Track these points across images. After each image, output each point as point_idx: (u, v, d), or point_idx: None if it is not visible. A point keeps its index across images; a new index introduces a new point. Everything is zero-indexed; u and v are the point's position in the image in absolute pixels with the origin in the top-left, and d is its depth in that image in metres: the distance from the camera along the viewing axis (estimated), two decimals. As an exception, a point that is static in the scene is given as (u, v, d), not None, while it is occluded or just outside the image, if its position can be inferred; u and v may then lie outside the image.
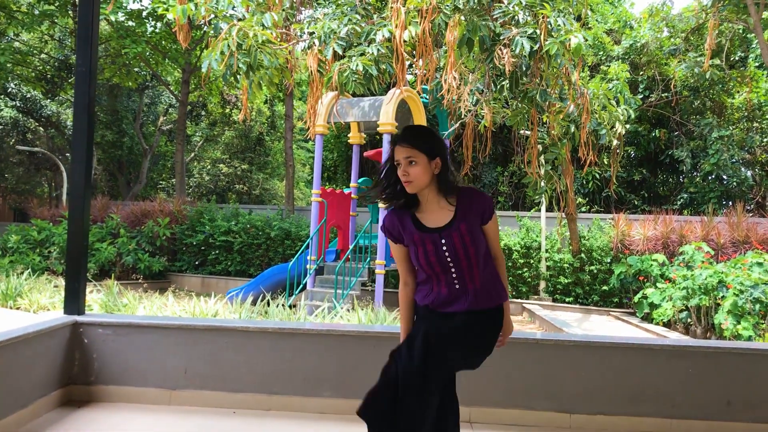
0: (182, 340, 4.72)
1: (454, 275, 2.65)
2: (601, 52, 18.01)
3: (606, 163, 16.39)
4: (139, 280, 15.18)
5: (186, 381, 4.68)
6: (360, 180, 13.78)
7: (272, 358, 4.70)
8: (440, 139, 2.71)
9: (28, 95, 25.25)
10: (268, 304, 8.90)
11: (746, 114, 17.26)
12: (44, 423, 4.16)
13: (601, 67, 17.26)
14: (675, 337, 9.32)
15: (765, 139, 16.93)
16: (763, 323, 8.61)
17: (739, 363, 4.60)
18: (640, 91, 17.63)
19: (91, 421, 4.25)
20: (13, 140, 27.17)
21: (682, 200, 17.38)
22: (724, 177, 16.42)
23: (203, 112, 28.42)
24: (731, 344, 4.92)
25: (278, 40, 8.01)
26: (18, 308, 10.64)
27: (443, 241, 2.62)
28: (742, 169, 16.75)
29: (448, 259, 2.63)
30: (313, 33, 7.77)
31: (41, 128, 27.51)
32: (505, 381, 4.64)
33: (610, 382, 4.62)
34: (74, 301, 4.77)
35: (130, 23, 19.66)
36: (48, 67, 24.21)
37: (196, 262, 16.34)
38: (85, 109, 4.62)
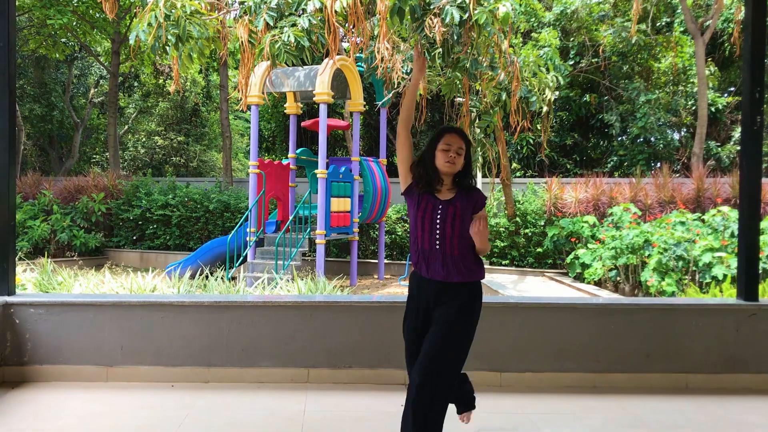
0: (117, 317, 4.71)
1: (437, 235, 3.14)
2: (533, 19, 18.25)
3: (539, 128, 16.74)
4: (74, 257, 14.86)
5: (123, 357, 4.69)
6: (298, 150, 13.74)
7: (209, 331, 4.75)
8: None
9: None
10: (207, 278, 8.89)
11: (672, 78, 17.82)
12: (-23, 405, 4.13)
13: (533, 33, 17.50)
14: (605, 295, 9.72)
15: (690, 102, 17.54)
16: (685, 279, 9.06)
17: (657, 318, 4.88)
18: (571, 56, 17.99)
19: (27, 401, 4.24)
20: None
21: (612, 163, 17.93)
22: (652, 139, 17.01)
23: (136, 84, 27.64)
24: (649, 300, 5.20)
25: (207, 10, 7.88)
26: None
27: (440, 207, 3.17)
28: (669, 131, 17.35)
29: (438, 220, 3.14)
30: (243, 3, 7.67)
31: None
32: (438, 344, 4.80)
33: (538, 340, 4.84)
34: (3, 282, 4.70)
35: (54, -8, 18.89)
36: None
37: (134, 237, 16.08)
38: (4, 84, 4.51)
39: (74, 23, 19.38)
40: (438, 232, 3.14)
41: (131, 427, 3.81)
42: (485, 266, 11.97)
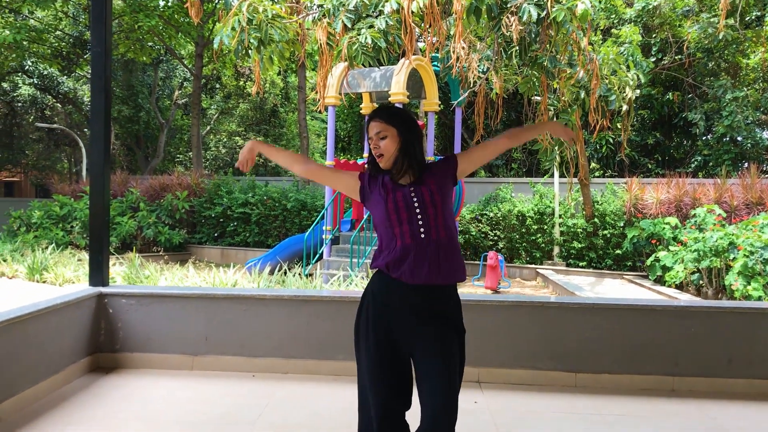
0: (202, 309, 4.94)
1: (420, 222, 2.64)
2: (613, 15, 17.83)
3: (619, 127, 16.35)
4: (160, 253, 15.50)
5: (207, 347, 4.91)
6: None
7: (288, 324, 4.91)
8: (410, 116, 2.83)
9: (45, 72, 25.50)
10: (285, 274, 9.13)
11: (761, 74, 17.08)
12: (76, 387, 4.41)
13: (613, 30, 17.10)
14: (686, 299, 9.45)
15: (781, 100, 16.76)
16: (773, 284, 8.70)
17: (740, 322, 4.74)
18: (653, 53, 17.48)
19: (120, 386, 4.49)
20: (32, 117, 27.52)
21: (695, 163, 17.32)
22: (739, 138, 16.33)
23: (217, 85, 28.53)
24: (732, 304, 5.05)
25: (288, 13, 8.11)
26: (44, 281, 10.97)
27: (412, 189, 2.70)
28: (757, 130, 16.63)
29: (416, 205, 2.66)
30: (322, 5, 7.85)
31: (59, 105, 27.81)
32: (512, 343, 4.82)
33: (615, 342, 4.78)
34: (98, 274, 5.00)
35: (143, -2, 19.74)
36: (63, 44, 24.37)
37: (215, 234, 16.62)
38: (101, 88, 4.79)
39: (160, 27, 20.18)
40: (419, 216, 2.65)
41: (215, 414, 4.00)
42: (563, 268, 11.73)
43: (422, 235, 2.63)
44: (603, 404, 4.36)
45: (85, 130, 27.70)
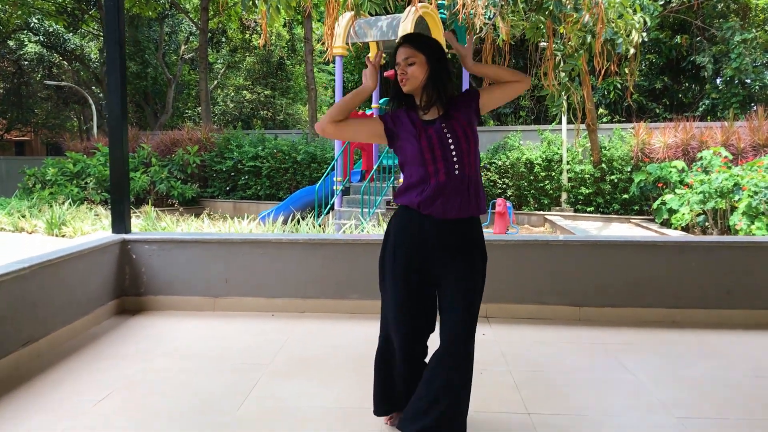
0: (222, 253, 5.16)
1: (455, 158, 2.62)
2: (622, -42, 17.56)
3: (626, 72, 16.28)
4: (175, 205, 15.76)
5: (227, 289, 5.15)
6: (381, 100, 13.95)
7: (305, 266, 5.12)
8: (440, 46, 2.76)
9: (51, 29, 25.44)
10: (299, 223, 9.34)
11: (772, 15, 16.91)
12: (105, 328, 4.67)
13: (622, -27, 16.86)
14: (692, 240, 9.60)
15: (792, 41, 16.60)
16: (777, 223, 8.84)
17: (739, 255, 4.92)
18: (662, -4, 17.30)
19: (147, 326, 4.74)
20: (39, 75, 27.56)
21: (703, 107, 17.28)
22: (747, 81, 16.26)
23: (223, 39, 28.41)
24: (731, 238, 5.22)
25: (294, -37, 8.12)
26: (63, 236, 11.25)
27: (443, 125, 2.66)
28: (765, 72, 16.53)
29: (450, 140, 2.63)
30: (328, -46, 7.87)
31: (66, 62, 27.80)
32: (519, 280, 5.02)
33: (617, 277, 4.97)
34: (121, 221, 5.21)
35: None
36: (68, 0, 24.28)
37: (227, 188, 16.83)
38: (116, 40, 4.92)
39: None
40: (454, 153, 2.62)
41: (237, 348, 4.24)
42: (570, 214, 11.87)
43: (456, 172, 2.62)
44: (606, 335, 4.57)
45: (94, 88, 27.75)
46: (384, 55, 3.14)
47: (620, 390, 3.55)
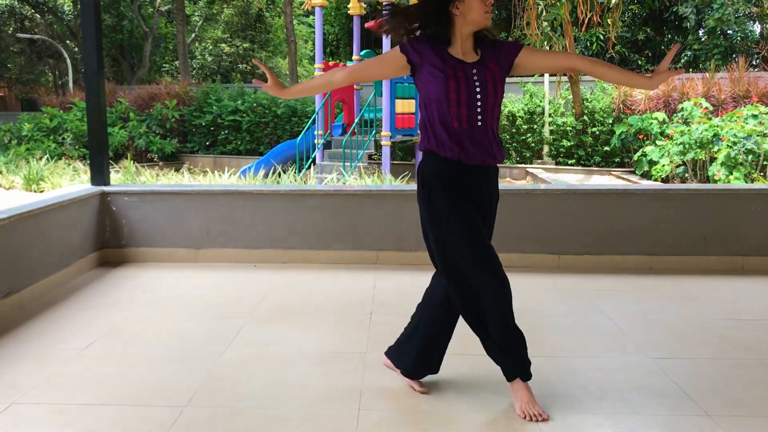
0: (203, 204, 5.14)
1: (479, 109, 2.51)
2: None
3: (609, 24, 16.21)
4: (154, 160, 15.62)
5: (209, 240, 5.15)
6: (362, 52, 13.78)
7: (286, 217, 5.13)
8: None
9: (22, -19, 24.78)
10: (280, 176, 9.31)
11: (755, -35, 16.82)
12: (87, 279, 4.67)
13: None
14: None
15: (774, -9, 16.57)
16: (754, 173, 8.96)
17: (714, 203, 5.00)
18: (646, -55, 17.14)
19: (128, 278, 4.75)
20: (11, 29, 26.89)
21: (686, 58, 17.28)
22: (729, 32, 16.25)
23: (200, -10, 27.83)
24: (707, 186, 5.31)
25: None
26: (42, 191, 11.14)
27: (474, 71, 2.51)
28: (749, 23, 16.51)
29: (477, 90, 2.50)
30: None
31: (38, 15, 27.12)
32: (499, 228, 5.01)
33: (596, 225, 5.04)
34: (100, 173, 5.17)
35: None
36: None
37: (207, 143, 16.68)
38: (90, -12, 4.82)
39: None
40: (479, 103, 2.49)
41: (221, 298, 4.27)
42: (552, 166, 11.93)
43: (479, 123, 2.52)
44: (585, 282, 4.65)
45: (68, 42, 27.15)
46: (363, 5, 3.05)
47: (597, 333, 3.63)
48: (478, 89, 2.49)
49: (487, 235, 2.67)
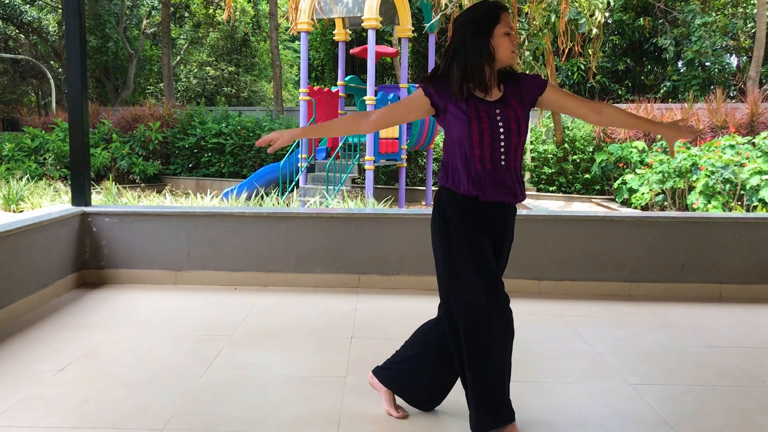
0: (183, 226, 5.13)
1: (502, 149, 2.50)
2: (587, -61, 17.70)
3: (590, 53, 16.49)
4: (137, 182, 15.53)
5: (189, 263, 5.12)
6: (347, 78, 13.89)
7: (268, 240, 5.13)
8: None
9: (7, 1, 24.71)
10: (262, 199, 9.30)
11: (730, 0, 17.22)
12: (65, 301, 4.62)
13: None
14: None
15: (750, 25, 16.95)
16: (732, 202, 9.09)
17: (693, 231, 5.06)
18: (626, -22, 17.50)
19: (107, 299, 4.71)
20: (-5, 49, 26.79)
21: (665, 89, 17.58)
22: (707, 64, 16.58)
23: (186, 14, 27.88)
24: (686, 214, 5.38)
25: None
26: (21, 211, 11.03)
27: (497, 111, 2.49)
28: (726, 55, 16.87)
29: (501, 131, 2.49)
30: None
31: (23, 35, 27.05)
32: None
33: (576, 251, 5.08)
34: (81, 194, 5.14)
35: None
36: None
37: (190, 165, 16.62)
38: (76, 10, 4.82)
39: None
40: (503, 144, 2.49)
41: (200, 321, 4.24)
42: (533, 193, 12.00)
43: (503, 162, 2.51)
44: (564, 307, 4.68)
45: (52, 62, 27.07)
46: (349, 32, 3.07)
47: (576, 359, 3.65)
48: (501, 129, 2.49)
49: (501, 265, 2.70)
